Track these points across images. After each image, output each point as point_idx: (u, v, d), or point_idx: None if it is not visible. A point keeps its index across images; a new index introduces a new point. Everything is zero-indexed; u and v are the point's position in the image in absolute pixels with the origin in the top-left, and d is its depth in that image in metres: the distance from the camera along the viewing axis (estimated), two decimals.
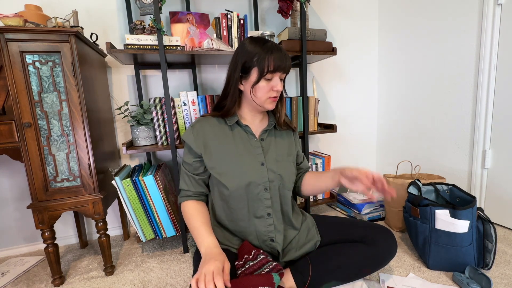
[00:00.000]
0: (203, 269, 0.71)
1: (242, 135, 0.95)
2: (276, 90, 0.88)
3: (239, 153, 0.91)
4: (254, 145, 0.94)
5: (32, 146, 0.97)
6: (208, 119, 0.96)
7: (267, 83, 0.87)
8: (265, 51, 0.84)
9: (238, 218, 0.92)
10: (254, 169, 0.90)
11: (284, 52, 0.88)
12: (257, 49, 0.85)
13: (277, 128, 1.01)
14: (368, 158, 2.03)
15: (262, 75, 0.85)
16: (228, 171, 0.90)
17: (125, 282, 1.09)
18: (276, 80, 0.88)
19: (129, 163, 1.50)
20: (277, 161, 0.94)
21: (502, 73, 1.28)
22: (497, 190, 1.36)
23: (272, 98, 0.90)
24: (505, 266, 1.06)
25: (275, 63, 0.84)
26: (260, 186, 0.90)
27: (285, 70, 0.88)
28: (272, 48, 0.85)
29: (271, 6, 1.61)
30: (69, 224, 1.44)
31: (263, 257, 0.84)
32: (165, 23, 1.42)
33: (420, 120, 1.67)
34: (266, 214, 0.91)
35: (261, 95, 0.88)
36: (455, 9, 1.42)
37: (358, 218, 1.52)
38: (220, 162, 0.90)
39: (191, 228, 0.88)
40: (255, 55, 0.85)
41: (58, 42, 0.95)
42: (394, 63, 1.80)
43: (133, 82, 1.44)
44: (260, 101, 0.90)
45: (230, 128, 0.95)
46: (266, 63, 0.84)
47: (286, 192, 0.95)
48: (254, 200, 0.90)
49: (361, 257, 0.91)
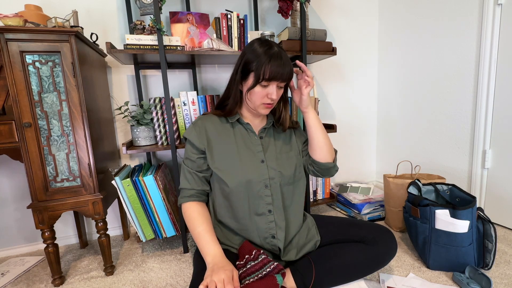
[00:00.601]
0: (213, 277, 0.72)
1: (243, 133, 0.96)
2: (270, 98, 0.88)
3: (240, 151, 0.92)
4: (254, 142, 0.95)
5: (32, 146, 0.97)
6: (210, 117, 0.97)
7: (263, 89, 0.87)
8: (264, 58, 0.84)
9: (239, 215, 0.92)
10: (254, 166, 0.91)
11: (285, 61, 0.86)
12: (258, 55, 0.85)
13: (275, 126, 1.02)
14: (368, 158, 2.03)
15: (258, 81, 0.85)
16: (228, 168, 0.90)
17: (125, 282, 1.09)
18: (272, 88, 0.87)
19: (129, 163, 1.50)
20: (277, 158, 0.95)
21: (502, 73, 1.28)
22: (497, 190, 1.36)
23: (266, 105, 0.90)
24: (505, 266, 1.06)
25: (271, 72, 0.83)
26: (261, 183, 0.90)
27: (283, 79, 0.87)
28: (272, 56, 0.84)
29: (271, 6, 1.61)
30: (69, 224, 1.44)
31: (264, 257, 0.84)
32: (165, 23, 1.42)
33: (420, 120, 1.67)
34: (267, 211, 0.91)
35: (255, 100, 0.89)
36: (455, 9, 1.42)
37: (358, 218, 1.52)
38: (221, 159, 0.91)
39: (194, 234, 0.87)
40: (254, 60, 0.85)
41: (58, 42, 0.95)
42: (394, 63, 1.80)
43: (133, 82, 1.44)
44: (253, 105, 0.91)
45: (231, 125, 0.96)
46: (263, 70, 0.84)
47: (287, 188, 0.95)
48: (254, 198, 0.90)
49: (361, 257, 0.91)
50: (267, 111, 0.93)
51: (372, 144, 2.03)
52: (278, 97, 0.90)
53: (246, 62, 0.87)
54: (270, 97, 0.87)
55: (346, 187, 1.76)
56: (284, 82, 0.88)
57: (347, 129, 1.93)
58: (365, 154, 2.02)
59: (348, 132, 1.94)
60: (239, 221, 0.93)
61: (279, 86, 0.89)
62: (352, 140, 1.96)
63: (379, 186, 1.96)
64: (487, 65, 1.31)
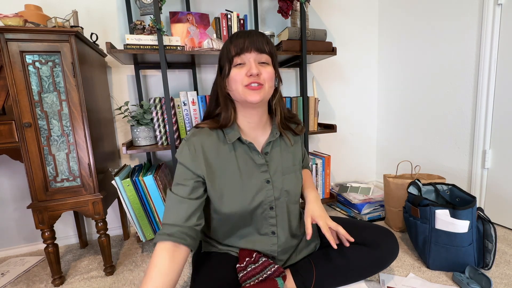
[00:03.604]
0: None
1: (246, 153, 0.84)
2: (250, 73, 0.74)
3: (243, 175, 0.82)
4: (258, 162, 0.84)
5: (32, 146, 0.97)
6: (206, 133, 0.82)
7: (240, 70, 0.76)
8: (229, 40, 0.78)
9: (240, 234, 0.87)
10: (259, 189, 0.83)
11: (254, 33, 0.76)
12: (225, 44, 0.79)
13: (281, 135, 0.91)
14: (368, 158, 2.03)
15: (231, 63, 0.76)
16: (230, 195, 0.81)
17: (125, 282, 1.08)
18: (249, 63, 0.75)
19: (129, 163, 1.49)
20: (283, 174, 0.87)
21: (502, 73, 1.28)
22: (497, 190, 1.36)
23: (250, 87, 0.76)
24: (505, 266, 1.06)
25: (238, 44, 0.75)
26: (266, 205, 0.84)
27: (256, 49, 0.75)
28: (235, 34, 0.77)
29: (271, 6, 1.61)
30: (69, 224, 1.44)
31: (264, 260, 0.84)
32: (165, 23, 1.42)
33: (420, 119, 1.67)
34: (271, 232, 0.87)
35: (235, 86, 0.77)
36: (455, 9, 1.42)
37: (358, 218, 1.52)
38: (222, 186, 0.81)
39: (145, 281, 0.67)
40: (223, 51, 0.79)
41: (58, 42, 0.95)
42: (394, 63, 1.80)
43: (133, 82, 1.44)
44: (238, 94, 0.77)
45: (230, 147, 0.83)
46: (229, 48, 0.76)
47: (293, 206, 0.91)
48: (258, 220, 0.85)
49: (363, 259, 0.90)
50: (257, 96, 0.76)
51: (372, 144, 2.03)
52: (266, 75, 0.77)
53: (219, 59, 0.82)
54: (250, 72, 0.74)
55: (346, 187, 1.76)
56: (258, 52, 0.76)
57: (347, 129, 1.93)
58: (365, 154, 2.02)
59: (348, 132, 1.94)
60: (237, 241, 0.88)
61: (258, 61, 0.76)
62: (352, 140, 1.96)
63: (379, 186, 1.96)
64: (487, 65, 1.31)
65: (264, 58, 0.77)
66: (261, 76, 0.76)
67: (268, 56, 0.78)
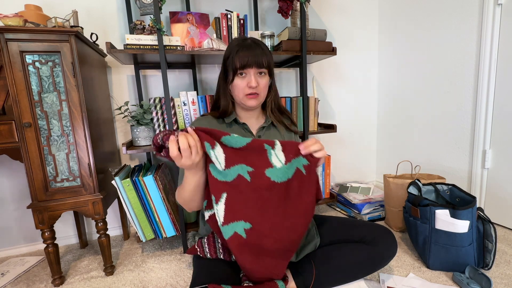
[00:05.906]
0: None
1: (240, 132, 0.96)
2: (250, 86, 0.88)
3: None
4: None
5: (32, 146, 0.97)
6: (206, 118, 0.98)
7: (242, 80, 0.89)
8: (235, 50, 0.87)
9: None
10: None
11: (256, 48, 0.88)
12: (231, 49, 0.89)
13: (275, 125, 1.01)
14: (368, 158, 2.03)
15: (235, 74, 0.88)
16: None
17: (125, 282, 1.08)
18: (250, 76, 0.88)
19: (129, 163, 1.49)
20: None
21: (502, 73, 1.28)
22: (497, 190, 1.36)
23: (249, 95, 0.90)
24: (505, 266, 1.06)
25: (242, 60, 0.86)
26: None
27: (257, 65, 0.87)
28: (241, 46, 0.87)
29: (271, 6, 1.61)
30: (69, 224, 1.44)
31: None
32: (165, 23, 1.42)
33: (420, 120, 1.67)
34: None
35: (237, 93, 0.91)
36: (455, 9, 1.42)
37: (358, 218, 1.52)
38: None
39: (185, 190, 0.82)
40: (229, 56, 0.89)
41: (58, 42, 0.95)
42: (394, 63, 1.80)
43: (133, 82, 1.44)
44: (238, 99, 0.92)
45: (228, 125, 0.96)
46: (235, 61, 0.87)
47: None
48: None
49: (362, 257, 0.91)
50: (253, 102, 0.91)
51: (372, 144, 2.03)
52: (262, 85, 0.91)
53: (224, 60, 0.92)
54: (250, 85, 0.88)
55: (346, 187, 1.76)
56: (260, 68, 0.88)
57: (347, 129, 1.93)
58: (365, 154, 2.02)
59: (348, 132, 1.94)
60: None
61: (258, 72, 0.89)
62: (352, 140, 1.96)
63: (379, 186, 1.96)
64: (487, 65, 1.31)
65: (263, 70, 0.90)
66: (258, 87, 0.90)
67: (265, 68, 0.90)
